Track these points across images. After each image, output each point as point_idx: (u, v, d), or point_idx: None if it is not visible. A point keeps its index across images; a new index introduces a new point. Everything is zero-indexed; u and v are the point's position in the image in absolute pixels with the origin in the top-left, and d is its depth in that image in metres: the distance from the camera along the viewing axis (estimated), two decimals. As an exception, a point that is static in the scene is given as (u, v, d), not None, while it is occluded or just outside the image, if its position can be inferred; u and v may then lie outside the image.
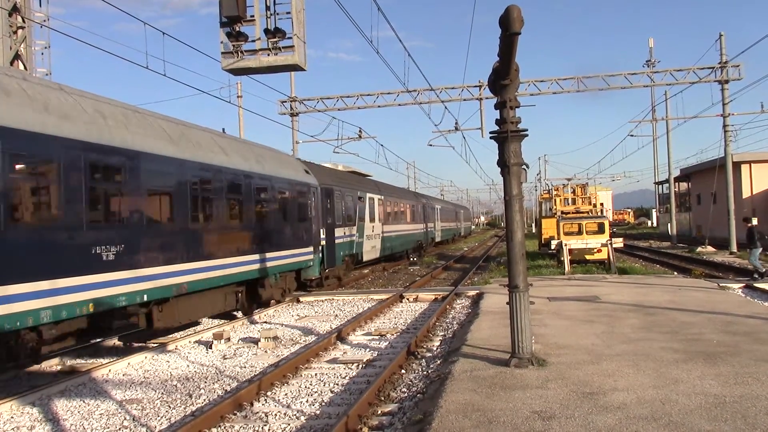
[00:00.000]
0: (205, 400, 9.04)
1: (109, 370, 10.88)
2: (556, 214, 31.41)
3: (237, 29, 11.27)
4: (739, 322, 11.62)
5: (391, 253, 32.94)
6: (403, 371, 9.99)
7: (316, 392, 9.09)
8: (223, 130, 17.97)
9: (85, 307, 9.95)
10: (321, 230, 21.33)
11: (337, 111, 33.29)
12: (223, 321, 16.47)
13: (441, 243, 55.52)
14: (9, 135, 8.72)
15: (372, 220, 28.75)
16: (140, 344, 13.77)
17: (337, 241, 23.01)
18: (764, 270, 19.52)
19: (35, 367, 11.48)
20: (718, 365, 8.47)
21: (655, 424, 6.24)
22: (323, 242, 21.46)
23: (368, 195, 28.36)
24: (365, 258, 27.74)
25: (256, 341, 12.96)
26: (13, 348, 9.27)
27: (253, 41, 11.50)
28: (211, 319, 17.00)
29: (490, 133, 9.19)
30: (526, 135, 9.04)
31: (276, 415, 8.06)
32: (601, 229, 26.39)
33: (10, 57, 15.74)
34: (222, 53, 11.53)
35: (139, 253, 11.42)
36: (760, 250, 19.85)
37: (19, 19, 16.10)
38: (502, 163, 9.03)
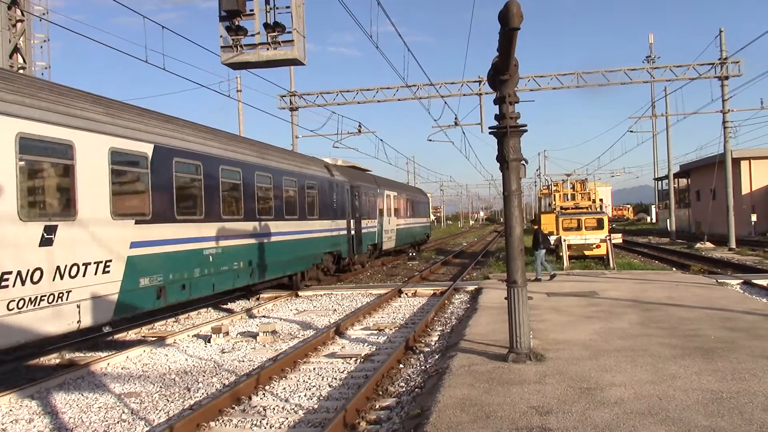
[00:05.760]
0: (203, 393, 9.05)
1: (108, 364, 10.90)
2: (555, 209, 31.42)
3: (236, 23, 11.25)
4: (737, 318, 11.64)
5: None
6: (401, 366, 10.01)
7: (314, 386, 9.11)
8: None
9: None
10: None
11: (336, 105, 33.27)
12: (222, 315, 16.49)
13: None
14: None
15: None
16: (139, 338, 13.81)
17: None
18: (541, 276, 19.52)
19: (34, 360, 11.50)
20: (715, 361, 8.48)
21: (652, 419, 6.26)
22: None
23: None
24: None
25: (254, 335, 12.98)
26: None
27: (253, 35, 11.48)
28: (211, 313, 17.02)
29: (490, 128, 9.19)
30: (525, 130, 9.04)
31: (274, 409, 8.08)
32: (600, 225, 26.41)
33: (9, 50, 15.72)
34: (221, 47, 11.51)
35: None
36: (544, 252, 20.01)
37: (18, 12, 16.06)
38: (502, 159, 9.03)
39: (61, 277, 9.55)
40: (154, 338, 13.31)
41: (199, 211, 13.91)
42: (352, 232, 26.05)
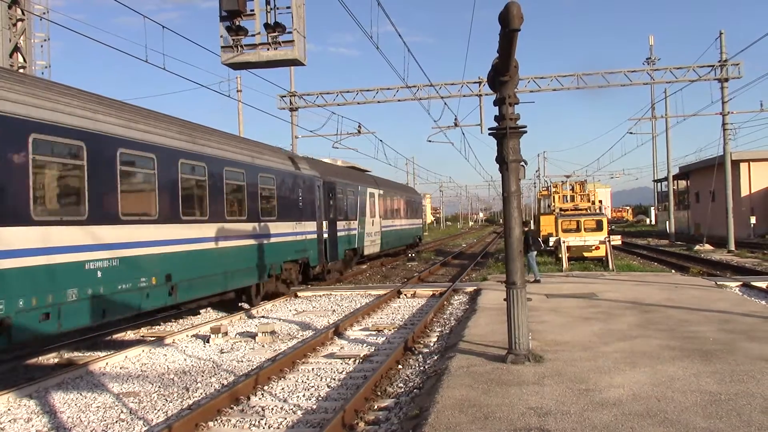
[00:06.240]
0: (202, 393, 9.05)
1: (107, 363, 10.90)
2: (554, 211, 31.43)
3: (237, 23, 11.26)
4: (735, 320, 11.64)
5: None
6: (400, 366, 10.01)
7: (312, 387, 9.11)
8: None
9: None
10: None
11: (336, 106, 33.30)
12: (221, 315, 16.49)
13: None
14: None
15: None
16: (137, 338, 13.81)
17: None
18: (539, 277, 19.61)
19: (33, 360, 11.50)
20: (714, 363, 8.49)
21: (650, 420, 6.27)
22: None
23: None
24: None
25: (253, 336, 12.98)
26: None
27: (253, 35, 11.49)
28: (210, 313, 17.02)
29: (489, 129, 9.20)
30: (525, 132, 9.04)
31: (273, 409, 8.08)
32: (599, 227, 26.41)
33: (9, 49, 15.73)
34: (222, 47, 11.52)
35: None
36: (535, 253, 20.10)
37: (19, 11, 16.07)
38: (501, 160, 9.03)
39: None
40: (152, 338, 13.31)
41: (79, 210, 10.43)
42: (325, 236, 22.53)
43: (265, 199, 17.60)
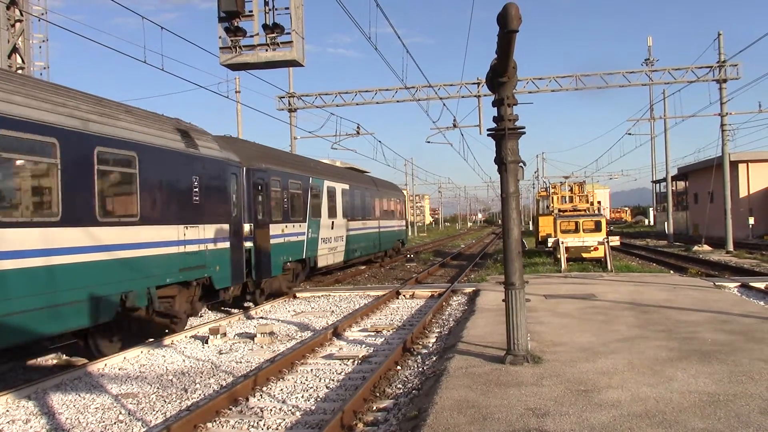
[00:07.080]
0: (200, 394, 9.05)
1: (105, 365, 10.89)
2: (553, 211, 31.44)
3: (235, 24, 11.28)
4: (734, 321, 11.65)
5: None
6: (398, 367, 10.01)
7: (311, 388, 9.11)
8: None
9: None
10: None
11: (335, 107, 33.36)
12: (219, 316, 16.48)
13: None
14: None
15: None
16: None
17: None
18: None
19: (31, 361, 11.49)
20: (712, 364, 8.49)
21: (648, 421, 6.27)
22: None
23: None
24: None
25: (252, 336, 12.98)
26: None
27: (252, 36, 11.51)
28: (208, 314, 17.00)
29: (488, 130, 9.20)
30: (524, 133, 9.05)
31: (271, 410, 8.08)
32: (597, 228, 26.41)
33: (7, 50, 15.72)
34: (220, 48, 11.54)
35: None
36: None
37: (17, 12, 16.06)
38: (500, 161, 9.04)
39: None
40: (151, 339, 13.29)
41: None
42: (249, 244, 16.73)
43: (114, 188, 11.53)
